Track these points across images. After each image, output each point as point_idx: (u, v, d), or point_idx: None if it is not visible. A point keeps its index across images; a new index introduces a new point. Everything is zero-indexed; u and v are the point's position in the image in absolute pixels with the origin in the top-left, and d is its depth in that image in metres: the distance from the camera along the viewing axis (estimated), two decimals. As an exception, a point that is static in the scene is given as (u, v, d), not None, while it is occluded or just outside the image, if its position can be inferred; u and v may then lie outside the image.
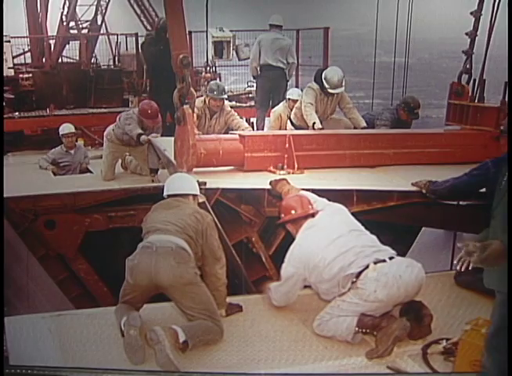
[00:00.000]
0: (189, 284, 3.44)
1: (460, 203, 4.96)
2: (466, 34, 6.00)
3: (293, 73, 8.84)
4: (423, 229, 6.12)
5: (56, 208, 5.90)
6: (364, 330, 3.42)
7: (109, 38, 12.73)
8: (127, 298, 3.57)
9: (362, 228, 3.74)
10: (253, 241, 5.02)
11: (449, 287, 4.30)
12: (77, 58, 11.63)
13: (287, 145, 5.08)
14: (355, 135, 5.64)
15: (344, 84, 6.17)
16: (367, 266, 3.42)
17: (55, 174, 7.06)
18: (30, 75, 10.10)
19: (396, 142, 5.46)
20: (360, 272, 3.42)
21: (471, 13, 5.91)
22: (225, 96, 6.43)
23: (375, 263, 3.43)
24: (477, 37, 5.92)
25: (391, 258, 3.49)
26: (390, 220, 5.15)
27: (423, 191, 4.54)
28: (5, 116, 8.66)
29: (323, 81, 6.10)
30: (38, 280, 6.12)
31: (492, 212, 2.73)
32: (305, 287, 3.80)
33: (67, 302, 6.15)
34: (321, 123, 6.01)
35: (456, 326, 3.60)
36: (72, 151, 7.27)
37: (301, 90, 7.10)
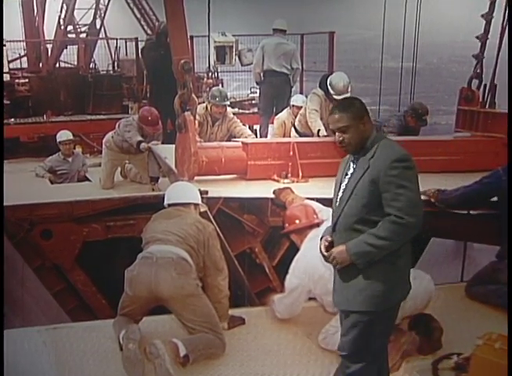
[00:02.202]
0: (190, 296, 3.45)
1: (471, 212, 4.96)
2: (477, 37, 6.01)
3: (298, 79, 8.88)
4: (432, 239, 6.10)
5: (53, 218, 5.90)
6: (371, 344, 3.41)
7: (108, 43, 12.76)
8: (126, 311, 3.58)
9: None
10: (256, 252, 5.02)
11: (460, 300, 4.30)
12: (75, 63, 11.62)
13: (291, 153, 5.09)
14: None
15: (349, 90, 6.18)
16: (374, 278, 3.42)
17: (52, 182, 7.08)
18: (27, 80, 10.14)
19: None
20: (367, 284, 3.41)
21: (482, 16, 5.94)
22: (228, 103, 6.46)
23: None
24: (488, 41, 5.94)
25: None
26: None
27: (432, 200, 4.54)
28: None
29: (328, 87, 6.12)
30: (34, 292, 6.12)
31: None
32: (310, 299, 3.80)
33: (64, 315, 6.14)
34: (326, 130, 6.03)
35: (467, 340, 3.57)
36: (70, 159, 7.30)
37: (306, 96, 7.12)
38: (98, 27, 12.30)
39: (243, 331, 3.81)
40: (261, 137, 8.12)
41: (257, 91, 9.01)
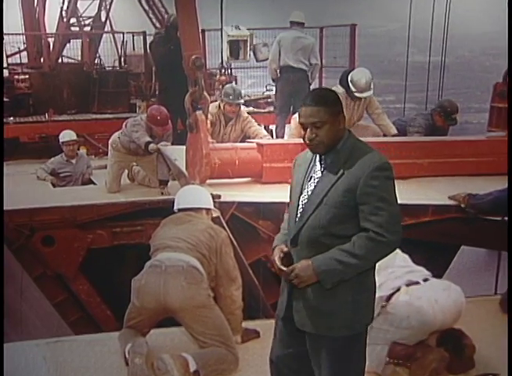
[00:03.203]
0: (201, 307, 3.47)
1: (505, 218, 4.92)
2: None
3: (317, 75, 8.88)
4: (462, 247, 6.07)
5: (55, 223, 5.96)
6: (396, 361, 3.41)
7: (114, 37, 12.83)
8: (132, 323, 3.60)
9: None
10: (272, 260, 5.02)
11: (494, 314, 4.26)
12: (79, 58, 11.75)
13: (310, 154, 5.09)
14: (385, 143, 5.63)
15: (372, 87, 6.19)
16: (398, 289, 3.42)
17: (54, 185, 7.15)
18: (27, 76, 10.24)
19: (431, 151, 5.45)
20: (390, 296, 3.42)
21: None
22: (242, 101, 6.49)
23: (407, 285, 3.43)
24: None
25: (425, 280, 3.49)
26: (424, 238, 5.12)
27: (462, 205, 4.53)
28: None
29: (349, 83, 6.12)
30: (33, 303, 6.17)
31: None
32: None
33: (65, 327, 6.19)
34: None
35: (502, 359, 3.55)
36: (73, 160, 7.37)
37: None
38: (103, 19, 12.33)
39: (258, 345, 3.80)
40: (277, 138, 8.14)
41: (273, 88, 9.01)
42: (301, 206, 2.60)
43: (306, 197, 2.59)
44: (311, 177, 2.60)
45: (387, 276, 3.47)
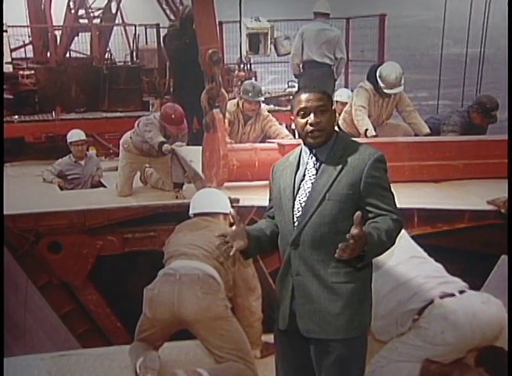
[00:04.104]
0: (217, 319, 3.48)
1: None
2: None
3: (342, 70, 8.87)
4: (503, 257, 6.01)
5: (62, 228, 6.01)
6: (430, 380, 3.40)
7: (125, 30, 12.93)
8: (144, 335, 3.62)
9: (425, 254, 3.73)
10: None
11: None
12: (88, 52, 11.84)
13: (335, 155, 5.09)
14: (417, 143, 5.61)
15: (402, 82, 6.16)
16: (432, 301, 3.40)
17: (61, 188, 7.19)
18: (32, 72, 10.32)
19: (467, 152, 5.41)
20: (423, 309, 3.39)
21: None
22: (262, 99, 6.52)
23: (441, 298, 3.40)
24: None
25: (461, 292, 3.46)
26: (460, 246, 5.10)
27: (502, 211, 4.49)
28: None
29: (378, 79, 6.11)
30: (38, 314, 6.21)
31: None
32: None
33: (72, 340, 6.23)
34: (375, 129, 6.01)
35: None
36: (82, 162, 7.43)
37: (352, 91, 7.12)
38: (114, 11, 12.41)
39: (279, 361, 3.81)
40: (299, 137, 8.15)
41: (296, 85, 9.03)
42: (298, 206, 2.67)
43: (305, 195, 2.66)
44: (305, 175, 2.70)
45: (418, 287, 3.46)
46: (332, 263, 2.59)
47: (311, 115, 2.64)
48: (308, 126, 2.66)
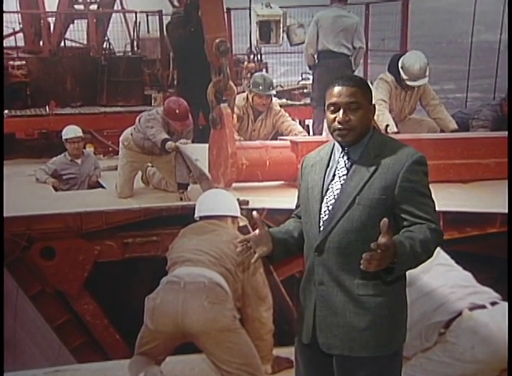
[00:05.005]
0: (225, 331, 3.48)
1: None
2: None
3: (361, 61, 8.85)
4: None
5: (57, 233, 6.01)
6: (459, 402, 3.38)
7: (125, 17, 12.94)
8: (145, 349, 3.62)
9: (453, 262, 3.72)
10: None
11: None
12: (85, 42, 11.87)
13: (353, 153, 5.09)
14: (443, 140, 5.61)
15: (427, 74, 6.16)
16: (460, 313, 3.39)
17: (56, 189, 7.21)
18: (23, 62, 10.32)
19: (499, 149, 5.39)
20: (450, 321, 3.39)
21: None
22: (273, 92, 6.53)
23: (471, 309, 3.39)
24: None
25: (493, 304, 3.45)
26: (491, 253, 5.08)
27: (537, 214, 4.47)
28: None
29: (400, 70, 6.12)
30: (30, 326, 6.22)
31: None
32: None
33: (67, 354, 6.22)
34: (396, 125, 6.02)
35: None
36: (78, 160, 7.46)
37: (371, 83, 7.11)
38: (112, -4, 12.46)
39: (291, 377, 3.82)
40: (314, 134, 8.14)
41: (310, 77, 9.02)
42: (325, 209, 2.63)
43: (333, 197, 2.61)
44: (335, 175, 2.64)
45: (445, 297, 3.45)
46: (359, 274, 2.52)
47: (341, 112, 2.57)
48: (335, 123, 2.59)
